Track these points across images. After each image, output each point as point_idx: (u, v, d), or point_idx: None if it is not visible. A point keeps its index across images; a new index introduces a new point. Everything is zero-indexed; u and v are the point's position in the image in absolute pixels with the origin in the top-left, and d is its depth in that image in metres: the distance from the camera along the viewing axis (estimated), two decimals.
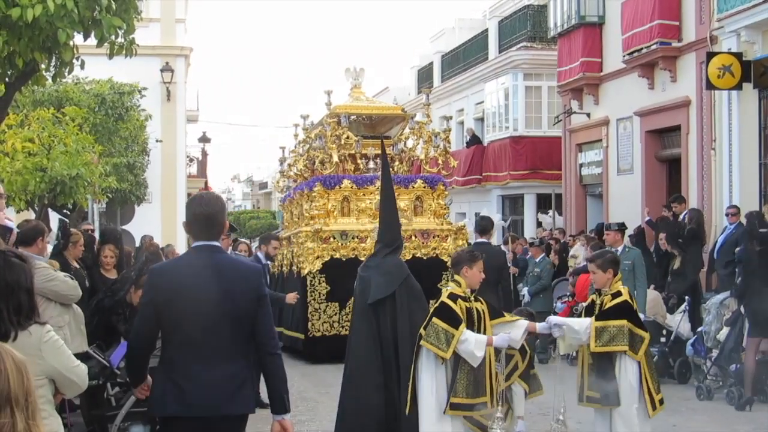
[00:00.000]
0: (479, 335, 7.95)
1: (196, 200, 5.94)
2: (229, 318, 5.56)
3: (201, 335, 5.52)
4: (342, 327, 16.93)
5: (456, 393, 7.92)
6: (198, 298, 5.51)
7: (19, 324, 4.53)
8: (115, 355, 9.39)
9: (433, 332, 7.95)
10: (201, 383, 5.51)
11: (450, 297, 8.10)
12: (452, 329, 7.87)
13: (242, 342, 5.64)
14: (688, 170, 19.64)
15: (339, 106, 19.39)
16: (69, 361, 4.75)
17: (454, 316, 7.93)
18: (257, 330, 5.66)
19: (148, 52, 24.68)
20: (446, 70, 35.60)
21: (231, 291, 5.57)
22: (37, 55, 9.53)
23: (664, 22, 19.77)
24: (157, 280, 5.71)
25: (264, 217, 70.19)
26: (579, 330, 8.25)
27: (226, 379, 5.57)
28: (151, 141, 27.90)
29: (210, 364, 5.54)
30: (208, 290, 5.53)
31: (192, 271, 5.62)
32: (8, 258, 4.59)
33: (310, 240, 17.36)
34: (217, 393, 5.53)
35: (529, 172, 28.09)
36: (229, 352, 5.60)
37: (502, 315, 8.35)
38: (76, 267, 10.27)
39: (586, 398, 8.46)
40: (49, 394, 4.69)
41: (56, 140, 17.58)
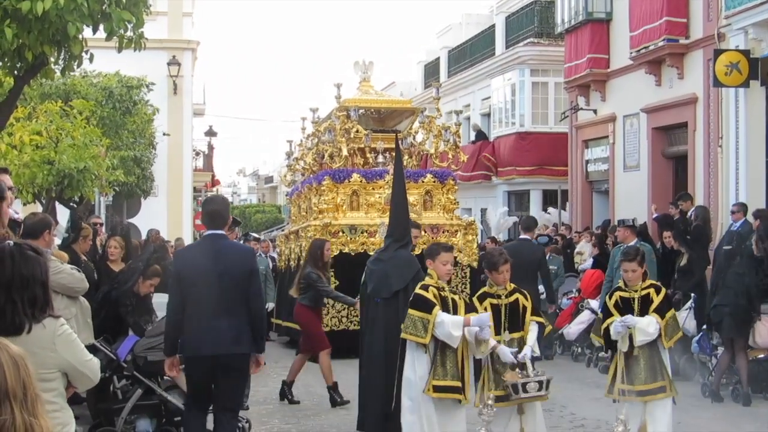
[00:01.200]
0: (455, 317, 8.10)
1: (207, 200, 8.81)
2: (228, 285, 7.73)
3: (209, 297, 7.68)
4: (351, 322, 16.84)
5: (437, 375, 8.10)
6: (206, 271, 7.74)
7: (33, 317, 4.54)
8: (122, 348, 9.42)
9: (410, 323, 8.16)
10: (210, 331, 7.67)
11: (422, 287, 8.29)
12: (427, 315, 8.05)
13: (240, 302, 7.76)
14: (695, 167, 19.63)
15: (348, 100, 19.26)
16: (82, 354, 4.76)
17: (427, 303, 8.10)
18: (249, 293, 7.82)
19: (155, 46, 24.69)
20: (453, 65, 35.58)
21: (230, 266, 7.81)
22: (47, 48, 9.55)
23: (671, 19, 19.75)
24: (179, 260, 8.62)
25: (270, 211, 70.20)
26: (650, 331, 8.49)
27: (228, 329, 7.69)
28: (157, 134, 27.91)
29: (216, 318, 7.68)
30: (214, 266, 7.75)
31: (202, 252, 8.02)
32: (24, 251, 4.61)
33: (318, 234, 17.04)
34: (222, 338, 7.67)
35: (536, 168, 28.06)
36: (229, 309, 7.72)
37: (475, 310, 8.37)
38: (85, 260, 10.30)
39: (631, 392, 8.58)
40: (61, 387, 4.70)
41: (64, 133, 17.61)
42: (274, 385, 13.63)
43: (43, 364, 4.54)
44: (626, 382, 8.55)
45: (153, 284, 10.65)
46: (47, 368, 4.59)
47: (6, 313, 4.49)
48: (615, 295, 8.88)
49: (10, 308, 4.50)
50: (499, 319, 8.39)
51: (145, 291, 10.57)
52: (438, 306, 8.08)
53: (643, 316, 8.59)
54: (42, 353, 4.54)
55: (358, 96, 19.92)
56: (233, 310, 7.73)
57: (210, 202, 8.56)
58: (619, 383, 8.61)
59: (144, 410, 9.42)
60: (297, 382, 13.37)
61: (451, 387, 8.08)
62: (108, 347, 9.27)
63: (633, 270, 8.81)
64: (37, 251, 4.69)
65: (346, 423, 11.30)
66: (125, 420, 9.25)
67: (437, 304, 8.09)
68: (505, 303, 8.48)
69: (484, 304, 8.46)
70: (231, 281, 7.75)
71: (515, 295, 8.58)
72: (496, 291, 8.57)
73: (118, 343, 9.55)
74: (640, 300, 8.69)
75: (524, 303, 8.58)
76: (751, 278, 12.55)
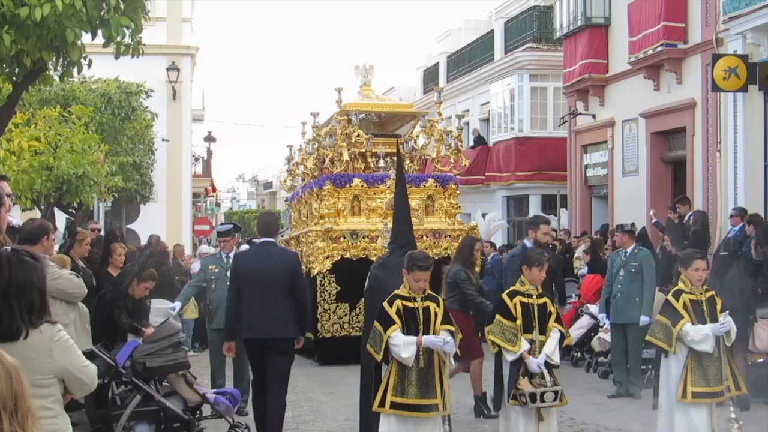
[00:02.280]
0: (408, 337, 7.77)
1: (262, 214, 11.89)
2: (276, 281, 9.65)
3: (261, 291, 9.64)
4: (352, 328, 16.79)
5: (396, 393, 7.80)
6: (259, 269, 9.72)
7: (30, 322, 4.55)
8: (121, 354, 9.42)
9: (373, 335, 7.99)
10: (262, 318, 9.61)
11: (389, 299, 8.00)
12: (383, 331, 7.85)
13: (286, 296, 9.67)
14: (694, 172, 19.64)
15: (349, 104, 19.15)
16: (79, 360, 4.76)
17: (388, 318, 7.86)
18: (293, 288, 9.76)
19: (154, 52, 24.73)
20: (452, 70, 35.60)
21: (278, 267, 9.75)
22: (45, 54, 9.56)
23: (670, 24, 19.77)
24: (238, 260, 10.49)
25: None
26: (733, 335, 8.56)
27: (277, 316, 9.60)
28: (156, 140, 27.91)
29: (267, 307, 9.62)
30: (265, 265, 9.74)
31: (256, 255, 10.11)
32: (21, 257, 4.61)
33: (320, 239, 17.10)
34: (272, 324, 9.57)
35: (535, 173, 28.07)
36: (277, 301, 9.63)
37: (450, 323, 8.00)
38: (83, 266, 10.29)
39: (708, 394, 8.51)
40: (58, 393, 4.70)
41: (62, 139, 17.62)
42: None
43: (39, 370, 4.54)
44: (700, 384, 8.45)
45: (148, 287, 10.64)
46: (44, 374, 4.58)
47: (3, 318, 4.50)
48: (683, 297, 8.65)
49: (7, 314, 4.50)
50: (529, 317, 8.35)
51: (140, 294, 10.56)
52: (397, 324, 7.79)
53: (712, 318, 8.52)
54: (39, 359, 4.54)
55: (358, 100, 19.80)
56: (280, 302, 9.63)
57: (265, 216, 11.00)
58: (692, 386, 8.46)
59: (143, 416, 9.41)
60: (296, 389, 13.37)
61: (412, 405, 7.76)
62: (106, 353, 9.27)
63: (704, 269, 8.77)
64: (34, 257, 4.69)
65: (346, 430, 11.30)
66: (124, 426, 9.24)
67: (397, 321, 7.80)
68: (536, 303, 8.43)
69: (514, 301, 8.40)
70: (278, 278, 9.68)
71: (545, 299, 8.55)
72: (527, 290, 8.49)
73: (117, 349, 9.55)
74: (707, 303, 8.62)
75: (551, 308, 8.55)
76: (748, 282, 12.55)
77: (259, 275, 9.67)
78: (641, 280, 13.46)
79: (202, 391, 9.88)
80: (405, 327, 7.84)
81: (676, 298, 8.64)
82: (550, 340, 8.38)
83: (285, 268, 9.80)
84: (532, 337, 8.32)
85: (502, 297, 8.61)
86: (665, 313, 8.64)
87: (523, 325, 8.31)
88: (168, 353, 9.54)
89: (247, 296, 9.70)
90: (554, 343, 8.39)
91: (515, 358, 8.26)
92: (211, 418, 10.06)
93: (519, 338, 8.23)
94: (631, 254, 13.69)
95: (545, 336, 8.39)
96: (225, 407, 9.91)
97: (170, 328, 9.92)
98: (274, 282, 9.65)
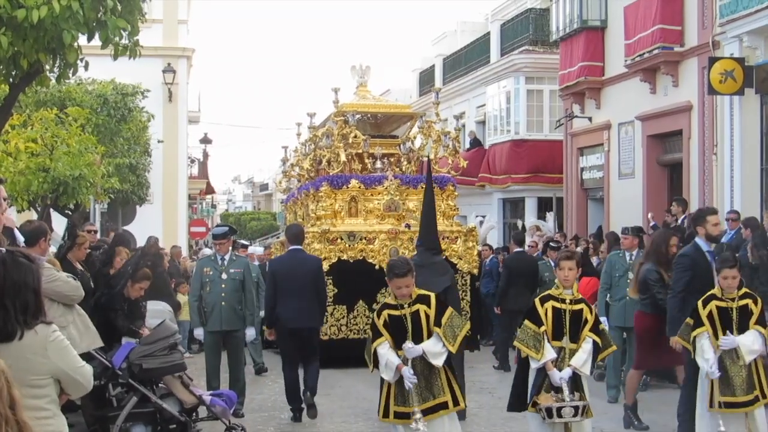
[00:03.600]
0: (392, 358, 7.69)
1: (289, 226, 14.07)
2: (304, 281, 11.94)
3: (291, 289, 11.89)
4: (350, 330, 16.68)
5: (398, 402, 7.76)
6: (291, 271, 12.01)
7: (25, 323, 4.56)
8: (118, 356, 9.42)
9: (368, 344, 8.01)
10: (292, 311, 11.86)
11: (378, 310, 8.02)
12: (371, 343, 7.87)
13: (312, 292, 11.98)
14: (690, 175, 19.66)
15: (346, 104, 18.96)
16: (74, 361, 4.77)
17: (376, 330, 7.86)
18: (316, 288, 12.08)
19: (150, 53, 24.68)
20: (448, 73, 35.60)
21: (306, 269, 12.08)
22: (42, 56, 9.55)
23: (666, 27, 19.79)
24: (274, 264, 13.09)
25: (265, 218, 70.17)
26: (756, 348, 8.44)
27: (304, 309, 11.89)
28: (152, 142, 27.90)
29: (296, 302, 11.86)
30: (295, 268, 12.04)
31: (289, 260, 12.31)
32: (16, 258, 4.63)
33: (316, 241, 16.86)
34: (300, 316, 11.87)
35: (531, 176, 28.07)
36: (304, 297, 11.91)
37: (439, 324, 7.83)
38: (81, 269, 10.26)
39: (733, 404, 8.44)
40: (54, 393, 4.71)
41: (59, 141, 17.59)
42: (269, 393, 13.62)
43: (35, 371, 4.55)
44: (726, 393, 8.37)
45: (143, 287, 10.60)
46: (39, 374, 4.60)
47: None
48: (710, 305, 8.50)
49: (2, 315, 4.52)
50: (560, 323, 7.99)
51: (136, 294, 10.53)
52: (384, 337, 7.76)
53: (742, 327, 8.43)
54: (34, 359, 4.55)
55: (355, 101, 19.60)
56: (307, 298, 11.94)
57: (293, 227, 13.13)
58: (719, 395, 8.40)
59: (139, 418, 9.40)
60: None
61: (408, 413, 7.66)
62: (103, 355, 9.26)
63: (734, 277, 8.59)
64: (29, 258, 4.70)
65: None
66: (120, 427, 9.23)
67: (384, 333, 7.77)
68: (569, 309, 8.04)
69: (545, 306, 8.05)
70: (305, 279, 11.96)
71: (581, 305, 8.13)
72: (561, 294, 8.11)
73: (113, 351, 9.54)
74: (738, 311, 8.49)
75: (587, 316, 8.09)
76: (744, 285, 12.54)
77: (292, 276, 11.98)
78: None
79: (198, 393, 9.88)
80: (394, 337, 7.77)
81: (704, 305, 8.51)
82: (581, 350, 8.00)
83: (311, 270, 12.19)
84: (561, 344, 8.01)
85: (534, 301, 8.29)
86: (692, 317, 8.60)
87: (553, 331, 8.00)
88: (164, 355, 9.53)
89: (281, 293, 11.94)
90: (585, 355, 7.99)
91: (539, 366, 7.99)
92: (207, 419, 10.06)
93: (543, 345, 7.93)
94: (638, 257, 13.66)
95: (577, 344, 8.02)
96: (221, 409, 9.92)
97: (166, 330, 9.91)
98: (303, 282, 11.95)
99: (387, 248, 17.04)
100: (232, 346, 12.38)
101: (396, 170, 18.53)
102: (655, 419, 11.64)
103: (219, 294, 12.18)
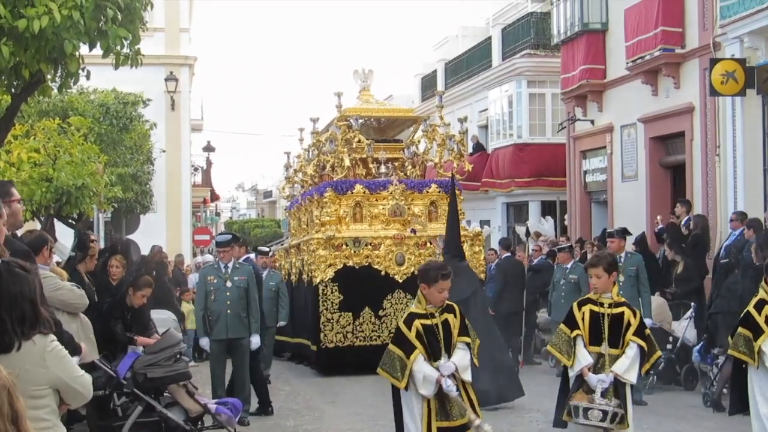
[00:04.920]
0: (430, 371, 7.13)
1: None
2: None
3: None
4: (356, 338, 16.63)
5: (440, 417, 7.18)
6: None
7: (23, 334, 4.55)
8: (122, 365, 9.41)
9: (388, 358, 7.31)
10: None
11: (406, 320, 7.36)
12: (404, 356, 7.19)
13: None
14: (693, 177, 19.64)
15: (350, 109, 18.87)
16: (73, 370, 4.76)
17: (406, 342, 7.23)
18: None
19: (152, 62, 24.74)
20: (450, 77, 35.59)
21: None
22: (44, 66, 9.55)
23: (667, 29, 19.78)
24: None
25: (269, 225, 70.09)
26: None
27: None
28: (155, 150, 27.91)
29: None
30: None
31: None
32: (12, 268, 4.61)
33: (321, 247, 16.77)
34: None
35: (534, 179, 28.05)
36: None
37: (466, 333, 7.45)
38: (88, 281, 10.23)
39: None
40: (53, 403, 4.70)
41: (62, 150, 17.59)
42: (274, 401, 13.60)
43: (34, 381, 4.54)
44: None
45: (145, 294, 10.55)
46: (38, 385, 4.58)
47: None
48: (766, 309, 7.85)
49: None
50: (598, 328, 7.59)
51: (138, 302, 10.50)
52: (418, 350, 7.17)
53: None
54: (33, 369, 4.54)
55: (358, 105, 19.52)
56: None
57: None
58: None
59: (144, 427, 9.39)
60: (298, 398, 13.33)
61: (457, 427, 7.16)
62: (107, 364, 9.26)
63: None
64: (26, 269, 4.69)
65: None
66: None
67: (418, 346, 7.18)
68: (609, 313, 7.62)
69: (582, 310, 7.69)
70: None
71: (622, 308, 7.69)
72: (599, 298, 7.72)
73: (118, 361, 9.54)
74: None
75: (630, 319, 7.62)
76: (746, 286, 12.52)
77: None
78: (638, 283, 13.50)
79: (204, 402, 9.87)
80: (427, 348, 7.23)
81: (758, 310, 7.95)
82: (624, 356, 7.54)
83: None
84: (600, 350, 7.59)
85: (572, 305, 7.93)
86: (747, 325, 7.94)
87: (591, 336, 7.61)
88: (169, 364, 9.53)
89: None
90: (628, 361, 7.53)
91: (575, 374, 7.60)
92: (212, 428, 10.04)
93: (574, 351, 7.57)
94: (627, 259, 13.73)
95: (619, 350, 7.57)
96: (226, 417, 9.90)
97: (171, 339, 9.91)
98: None
99: (393, 254, 17.02)
100: (238, 354, 12.37)
101: (401, 174, 18.48)
102: (661, 421, 11.63)
103: (224, 302, 12.16)
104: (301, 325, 17.94)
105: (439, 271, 7.35)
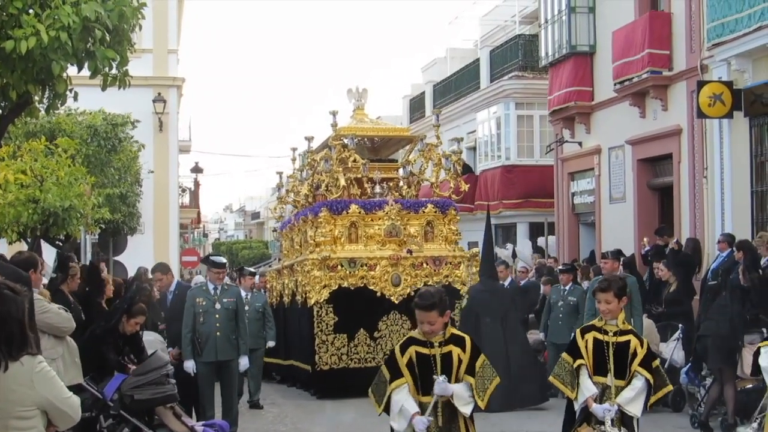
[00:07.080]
0: (408, 405, 6.45)
1: None
2: None
3: None
4: (351, 359, 16.43)
5: None
6: None
7: (10, 355, 4.52)
8: (109, 387, 9.35)
9: (378, 380, 6.80)
10: None
11: (403, 344, 6.75)
12: (389, 382, 6.61)
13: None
14: (680, 199, 19.68)
15: (345, 128, 18.70)
16: (61, 392, 4.73)
17: (396, 368, 6.62)
18: None
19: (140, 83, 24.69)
20: (438, 99, 35.69)
21: None
22: (31, 87, 9.50)
23: (654, 51, 19.86)
24: None
25: (257, 246, 70.11)
26: None
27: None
28: (143, 171, 27.84)
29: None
30: None
31: None
32: (0, 290, 4.59)
33: (316, 268, 16.56)
34: None
35: (522, 201, 28.12)
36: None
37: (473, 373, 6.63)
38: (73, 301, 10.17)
39: None
40: (40, 425, 4.67)
41: (49, 172, 17.49)
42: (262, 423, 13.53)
43: (21, 402, 4.51)
44: None
45: (138, 322, 10.49)
46: (26, 406, 4.56)
47: None
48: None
49: None
50: (602, 357, 7.18)
51: (131, 329, 10.43)
52: (404, 379, 6.54)
53: None
54: (20, 390, 4.52)
55: (353, 124, 19.36)
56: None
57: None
58: None
59: None
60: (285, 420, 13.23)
61: None
62: (94, 386, 9.19)
63: None
64: (15, 290, 4.66)
65: None
66: None
67: (405, 374, 6.54)
68: (613, 341, 7.20)
69: (586, 338, 7.27)
70: None
71: (628, 336, 7.25)
72: (604, 325, 7.30)
73: (105, 383, 9.47)
74: None
75: (636, 348, 7.19)
76: (735, 308, 12.54)
77: None
78: (630, 305, 13.47)
79: (191, 424, 9.81)
80: (417, 380, 6.56)
81: None
82: (629, 387, 7.12)
83: None
84: (605, 381, 7.17)
85: (575, 332, 7.52)
86: None
87: (595, 366, 7.20)
88: (156, 386, 9.46)
89: None
90: (633, 393, 7.11)
91: (580, 407, 7.19)
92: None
93: (577, 381, 7.18)
94: None
95: (625, 381, 7.16)
96: None
97: (158, 361, 9.84)
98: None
99: (389, 275, 16.91)
100: (226, 376, 12.30)
101: (396, 195, 18.39)
102: None
103: (214, 324, 12.08)
104: (294, 347, 17.78)
105: (417, 301, 6.63)
